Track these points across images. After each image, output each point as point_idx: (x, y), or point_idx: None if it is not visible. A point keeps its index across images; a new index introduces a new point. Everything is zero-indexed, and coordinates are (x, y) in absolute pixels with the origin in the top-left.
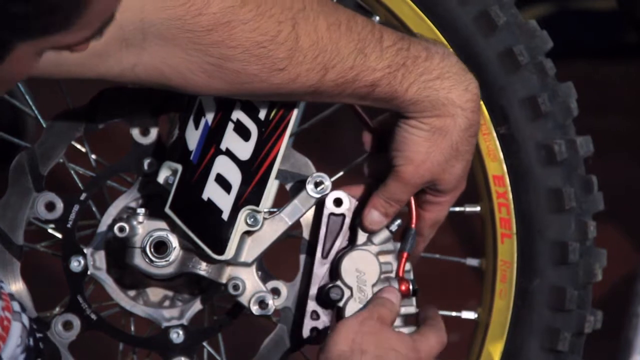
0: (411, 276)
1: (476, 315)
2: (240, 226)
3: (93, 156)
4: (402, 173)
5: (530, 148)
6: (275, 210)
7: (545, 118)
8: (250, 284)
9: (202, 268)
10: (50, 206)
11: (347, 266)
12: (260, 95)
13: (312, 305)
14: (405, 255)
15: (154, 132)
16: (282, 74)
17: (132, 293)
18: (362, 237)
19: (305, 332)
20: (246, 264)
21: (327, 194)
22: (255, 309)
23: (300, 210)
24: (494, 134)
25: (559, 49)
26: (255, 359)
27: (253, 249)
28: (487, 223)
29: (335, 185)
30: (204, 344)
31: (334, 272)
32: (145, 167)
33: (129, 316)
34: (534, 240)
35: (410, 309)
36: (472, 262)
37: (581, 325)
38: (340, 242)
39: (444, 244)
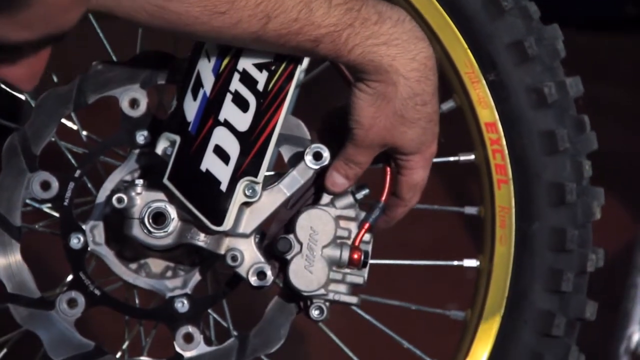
0: (368, 248)
1: (478, 263)
2: (238, 197)
3: (84, 132)
4: (354, 136)
5: (520, 93)
6: (273, 173)
7: (533, 61)
8: (248, 255)
9: (201, 239)
10: (45, 185)
11: (303, 222)
12: (203, 38)
13: (263, 251)
14: (366, 225)
15: (143, 104)
16: (223, 17)
17: (133, 266)
18: (326, 198)
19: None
20: (244, 235)
21: (325, 165)
22: (253, 280)
23: (299, 182)
24: (483, 82)
25: (559, 21)
26: (261, 323)
27: (251, 220)
28: (482, 170)
29: None
30: (209, 311)
31: (291, 225)
32: (138, 139)
33: (132, 289)
34: (531, 183)
35: (358, 279)
36: (471, 210)
37: (583, 265)
38: (308, 197)
39: (441, 195)
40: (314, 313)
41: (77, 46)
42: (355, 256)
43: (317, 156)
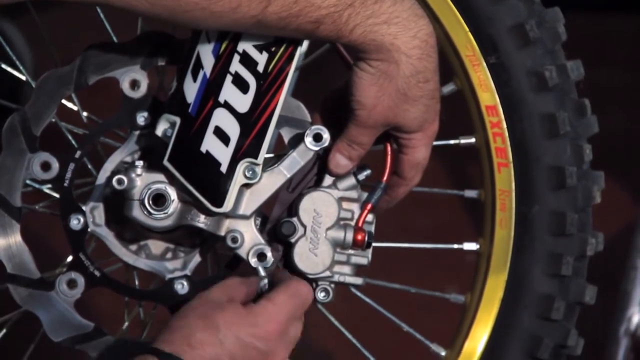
0: (371, 228)
1: (478, 246)
2: (238, 179)
3: (84, 114)
4: (357, 117)
5: (521, 76)
6: (273, 155)
7: (534, 45)
8: (248, 237)
9: (201, 221)
10: (45, 166)
11: (306, 205)
12: (203, 24)
13: (266, 235)
14: (368, 206)
15: (144, 86)
16: (222, 2)
17: (133, 247)
18: (328, 180)
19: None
20: (245, 217)
21: (326, 147)
22: (253, 261)
23: (299, 163)
24: (484, 65)
25: (559, 3)
26: None
27: (251, 201)
28: (482, 154)
29: None
30: None
31: (294, 208)
32: (138, 120)
33: (132, 270)
34: (531, 167)
35: (363, 260)
36: (471, 193)
37: (583, 249)
38: (309, 180)
39: (441, 178)
40: (320, 295)
41: (77, 26)
42: (359, 237)
43: (317, 137)
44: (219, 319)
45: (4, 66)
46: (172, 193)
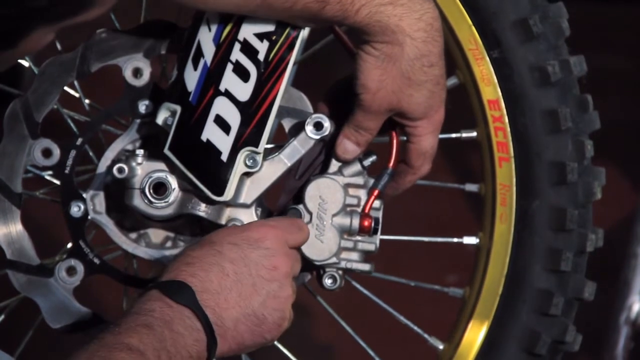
0: (378, 214)
1: (478, 240)
2: (239, 167)
3: (87, 101)
4: (362, 101)
5: (523, 70)
6: (273, 145)
7: (538, 39)
8: None
9: (202, 209)
10: (47, 152)
11: (312, 192)
12: (211, 4)
13: None
14: (375, 192)
15: (146, 74)
16: None
17: (133, 235)
18: (334, 166)
19: None
20: (245, 205)
21: (326, 136)
22: None
23: (300, 152)
24: (487, 59)
25: None
26: None
27: (252, 190)
28: (484, 148)
29: None
30: None
31: (300, 195)
32: (140, 109)
33: (132, 258)
34: (532, 162)
35: (370, 246)
36: (471, 187)
37: (583, 245)
38: (316, 167)
39: (443, 171)
40: (327, 282)
41: None
42: (366, 223)
43: (318, 126)
44: (213, 237)
45: None
46: (173, 182)
